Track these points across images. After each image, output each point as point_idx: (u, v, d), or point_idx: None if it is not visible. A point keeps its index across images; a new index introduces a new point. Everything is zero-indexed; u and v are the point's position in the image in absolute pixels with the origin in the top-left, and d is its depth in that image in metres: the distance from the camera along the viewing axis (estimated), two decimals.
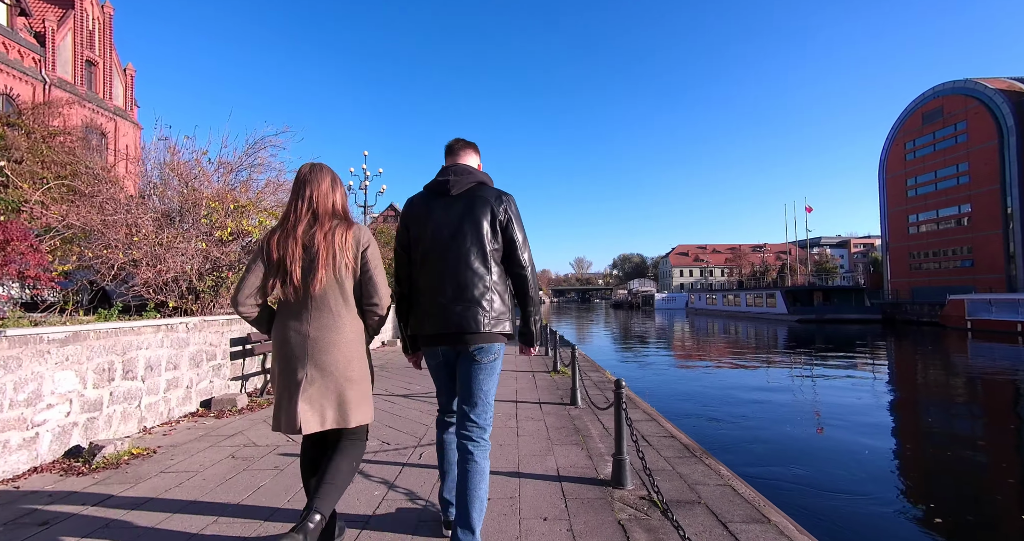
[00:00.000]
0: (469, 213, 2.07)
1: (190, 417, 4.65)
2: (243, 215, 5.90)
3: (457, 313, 2.00)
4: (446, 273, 2.04)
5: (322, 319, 1.91)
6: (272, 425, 1.94)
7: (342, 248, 1.92)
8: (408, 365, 2.94)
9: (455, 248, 2.05)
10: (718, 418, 9.90)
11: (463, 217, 2.07)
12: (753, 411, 10.51)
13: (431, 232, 2.09)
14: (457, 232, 2.06)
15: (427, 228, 2.10)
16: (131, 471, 3.15)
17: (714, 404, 11.25)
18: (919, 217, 49.76)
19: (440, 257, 2.06)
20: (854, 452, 7.39)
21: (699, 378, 15.02)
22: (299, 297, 1.91)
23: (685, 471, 3.22)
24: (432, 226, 2.09)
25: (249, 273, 1.96)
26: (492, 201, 2.09)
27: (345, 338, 1.93)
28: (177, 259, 5.08)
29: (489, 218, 2.07)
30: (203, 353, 5.00)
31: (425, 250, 2.10)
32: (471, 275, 2.03)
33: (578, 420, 4.61)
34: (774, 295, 45.28)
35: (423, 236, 2.11)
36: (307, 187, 1.99)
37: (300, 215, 1.95)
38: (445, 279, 2.04)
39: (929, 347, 23.94)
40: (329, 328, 1.91)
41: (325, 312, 1.92)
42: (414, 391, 6.11)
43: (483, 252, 2.05)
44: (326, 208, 1.98)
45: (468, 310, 2.00)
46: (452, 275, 2.03)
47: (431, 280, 2.07)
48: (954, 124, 45.79)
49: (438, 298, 2.04)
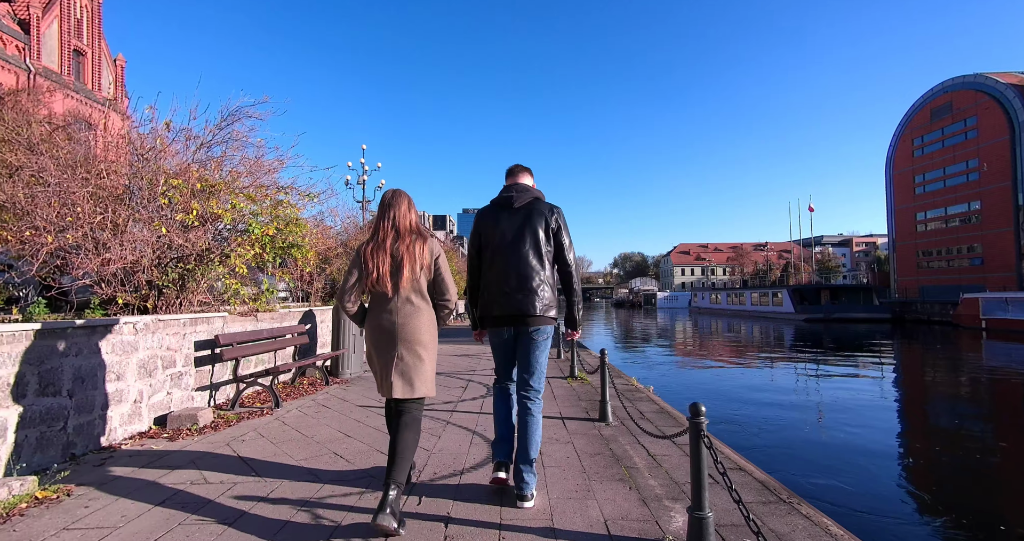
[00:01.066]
0: (528, 222, 2.65)
1: (137, 439, 3.80)
2: (213, 196, 5.04)
3: (519, 300, 2.57)
4: (510, 268, 2.61)
5: (406, 310, 2.44)
6: (377, 390, 2.52)
7: (420, 257, 2.47)
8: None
9: (517, 249, 2.62)
10: (740, 421, 9.08)
11: (523, 225, 2.65)
12: (776, 414, 9.71)
13: (499, 236, 2.67)
14: (519, 236, 2.63)
15: (495, 233, 2.68)
16: (20, 529, 2.30)
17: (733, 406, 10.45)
18: (927, 214, 48.92)
19: (506, 256, 2.63)
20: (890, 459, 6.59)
21: (712, 379, 14.20)
22: (388, 294, 2.44)
23: (779, 527, 2.37)
24: (499, 232, 2.67)
25: (350, 276, 2.51)
26: (546, 213, 2.68)
27: (424, 325, 2.47)
28: (128, 246, 4.22)
29: (543, 226, 2.65)
30: (158, 359, 4.14)
31: (493, 250, 2.67)
32: (530, 270, 2.59)
33: (614, 443, 3.76)
34: (780, 294, 44.44)
35: (492, 240, 2.69)
36: (391, 209, 2.53)
37: (387, 231, 2.49)
38: (510, 273, 2.60)
39: (942, 347, 23.13)
40: (412, 316, 2.44)
41: (408, 305, 2.45)
42: None
43: (539, 253, 2.62)
44: (405, 226, 2.51)
45: (527, 297, 2.57)
46: (515, 270, 2.59)
47: (498, 274, 2.64)
48: (964, 120, 44.90)
49: (504, 287, 2.61)
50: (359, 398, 5.41)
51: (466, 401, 5.30)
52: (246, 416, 4.50)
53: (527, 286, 2.59)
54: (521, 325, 2.62)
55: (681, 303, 73.62)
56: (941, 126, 47.30)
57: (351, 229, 12.35)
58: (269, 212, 5.90)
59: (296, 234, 6.17)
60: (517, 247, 2.62)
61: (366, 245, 2.51)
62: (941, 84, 47.52)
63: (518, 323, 2.62)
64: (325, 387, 6.05)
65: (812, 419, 9.60)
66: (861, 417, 9.58)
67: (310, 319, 7.01)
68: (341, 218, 12.58)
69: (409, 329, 2.43)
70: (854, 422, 9.16)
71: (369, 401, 5.25)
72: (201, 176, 4.94)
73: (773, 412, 9.91)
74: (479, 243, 2.77)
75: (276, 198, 5.97)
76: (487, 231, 2.73)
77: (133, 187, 4.47)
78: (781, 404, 10.74)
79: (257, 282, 6.22)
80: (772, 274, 70.51)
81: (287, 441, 3.75)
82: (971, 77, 44.51)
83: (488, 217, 2.76)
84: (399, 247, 2.46)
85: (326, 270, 11.03)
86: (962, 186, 45.32)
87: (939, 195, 47.59)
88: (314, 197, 6.42)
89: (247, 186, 5.40)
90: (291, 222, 6.00)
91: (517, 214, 2.69)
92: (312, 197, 6.38)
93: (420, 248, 2.48)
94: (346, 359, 6.75)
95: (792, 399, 11.42)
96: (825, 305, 40.94)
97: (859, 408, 10.42)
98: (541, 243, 2.64)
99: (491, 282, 2.67)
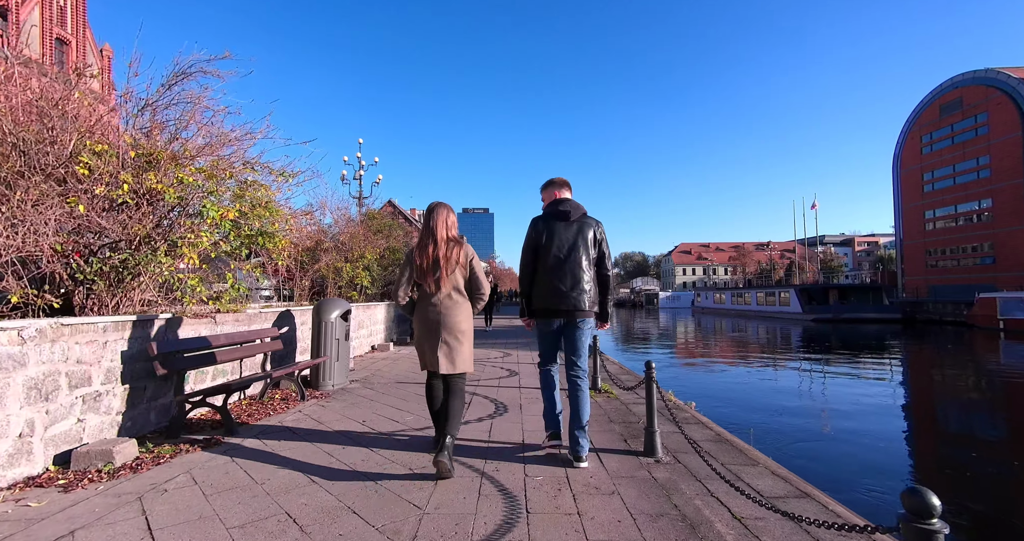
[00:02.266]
0: (581, 233, 3.27)
1: (16, 489, 2.76)
2: (153, 168, 4.00)
3: (574, 297, 3.20)
4: (567, 271, 3.21)
5: (447, 304, 3.10)
6: (420, 365, 3.18)
7: (458, 259, 3.12)
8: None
9: (573, 255, 3.23)
10: (778, 429, 8.08)
11: (577, 236, 3.26)
12: (807, 422, 8.71)
13: (556, 244, 3.25)
14: (574, 246, 3.24)
15: (553, 241, 3.26)
16: None
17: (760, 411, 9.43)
18: (936, 213, 47.91)
19: (562, 261, 3.23)
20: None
21: (730, 381, 13.18)
22: (433, 290, 3.11)
23: None
24: (557, 240, 3.26)
25: (403, 275, 3.22)
26: (594, 226, 3.31)
27: (462, 316, 3.12)
28: (21, 228, 3.19)
29: (592, 237, 3.29)
30: (61, 377, 3.11)
31: (551, 255, 3.24)
32: (582, 274, 3.22)
33: (674, 492, 2.72)
34: (788, 293, 43.42)
35: (551, 246, 3.26)
36: (434, 219, 3.17)
37: (429, 238, 3.13)
38: (566, 275, 3.21)
39: (959, 348, 22.12)
40: (452, 309, 3.10)
41: (449, 300, 3.11)
42: (403, 426, 4.22)
43: (588, 259, 3.26)
44: (443, 235, 3.14)
45: (580, 296, 3.21)
46: (571, 273, 3.21)
47: (555, 275, 3.22)
48: (974, 116, 43.92)
49: (560, 286, 3.21)
50: (338, 419, 4.38)
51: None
52: (185, 449, 3.46)
53: (580, 286, 3.19)
54: (571, 317, 3.22)
55: (684, 303, 72.60)
56: (950, 122, 46.33)
57: (341, 222, 11.29)
58: (233, 192, 4.87)
59: (266, 220, 5.14)
60: (573, 254, 3.21)
61: (414, 249, 3.17)
62: (950, 79, 46.55)
63: (569, 316, 3.21)
64: (300, 403, 5.01)
65: (850, 426, 8.59)
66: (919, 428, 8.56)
67: (287, 321, 5.98)
68: (332, 210, 11.52)
69: (450, 320, 3.07)
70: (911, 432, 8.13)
71: (351, 423, 4.22)
72: (135, 141, 3.91)
73: (805, 421, 8.90)
74: (537, 244, 3.29)
75: (242, 176, 4.95)
76: (547, 237, 3.27)
77: (28, 148, 3.42)
78: (811, 411, 9.73)
79: (227, 278, 5.19)
80: (775, 274, 69.50)
81: (226, 492, 2.72)
82: (982, 72, 43.56)
83: (546, 226, 3.30)
84: (440, 251, 3.08)
85: (315, 266, 10.01)
86: (972, 183, 44.34)
87: (948, 193, 46.61)
88: (290, 176, 5.39)
89: (197, 155, 4.35)
90: (259, 205, 4.98)
91: (572, 226, 3.26)
92: (288, 176, 5.35)
93: (457, 252, 3.11)
94: (328, 368, 5.72)
95: (829, 406, 10.41)
96: (834, 305, 39.96)
97: (903, 415, 9.39)
98: (591, 251, 3.26)
99: (546, 281, 3.23)
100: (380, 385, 6.08)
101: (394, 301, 3.44)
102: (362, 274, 10.32)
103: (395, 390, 5.73)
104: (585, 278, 3.20)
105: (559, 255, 3.21)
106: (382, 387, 5.94)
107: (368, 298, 11.38)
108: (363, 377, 6.67)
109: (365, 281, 10.43)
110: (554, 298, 3.20)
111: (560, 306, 3.19)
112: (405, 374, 7.01)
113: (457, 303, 3.09)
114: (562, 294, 3.18)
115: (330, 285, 10.10)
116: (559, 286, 3.18)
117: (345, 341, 5.93)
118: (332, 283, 10.12)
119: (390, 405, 4.95)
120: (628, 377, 7.07)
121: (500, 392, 5.59)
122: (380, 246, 11.54)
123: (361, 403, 5.04)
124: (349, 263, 10.36)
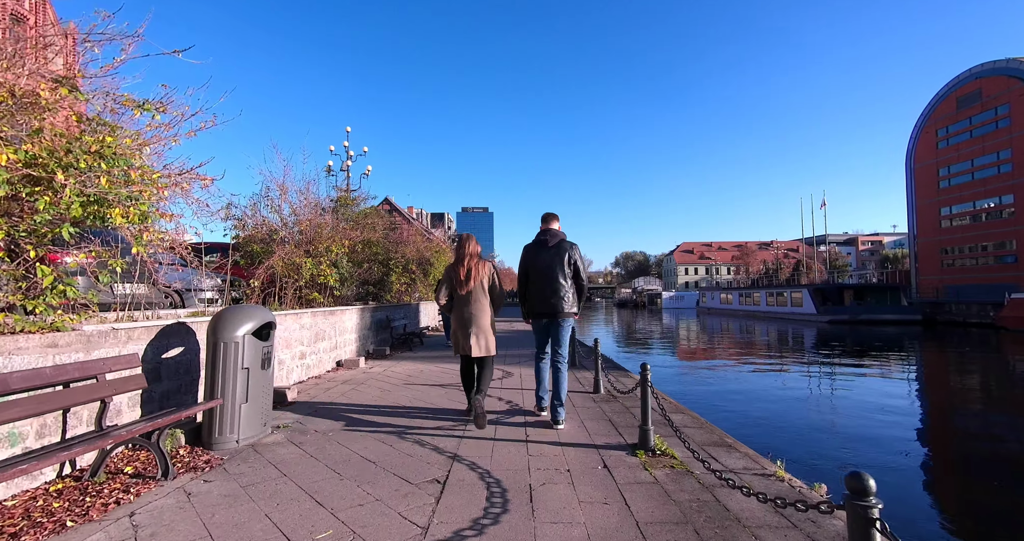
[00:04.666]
0: (559, 255, 4.33)
1: None
2: None
3: (553, 303, 4.29)
4: (547, 284, 4.32)
5: (475, 304, 4.45)
6: (453, 351, 4.58)
7: (481, 271, 4.51)
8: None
9: (551, 273, 4.31)
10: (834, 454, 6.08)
11: (555, 257, 4.33)
12: (863, 445, 6.72)
13: (540, 264, 4.37)
14: (552, 264, 4.32)
15: (537, 262, 4.39)
16: None
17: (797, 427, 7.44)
18: (952, 210, 45.93)
19: (544, 276, 4.33)
20: None
21: (754, 392, 11.18)
22: (464, 294, 4.45)
23: None
24: (540, 261, 4.38)
25: (442, 284, 4.62)
26: (568, 249, 4.35)
27: (486, 314, 4.48)
28: None
29: (568, 258, 4.33)
30: None
31: (536, 273, 4.39)
32: (559, 286, 4.29)
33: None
34: (800, 293, 41.43)
35: (536, 266, 4.39)
36: (465, 246, 4.56)
37: (462, 258, 4.52)
38: (547, 287, 4.32)
39: (989, 353, 20.16)
40: (479, 308, 4.45)
41: (476, 303, 4.46)
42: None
43: (564, 274, 4.31)
44: (471, 254, 4.53)
45: (559, 302, 4.29)
46: (551, 285, 4.30)
47: (540, 287, 4.35)
48: (994, 108, 41.95)
49: (543, 295, 4.34)
50: (229, 527, 2.34)
51: None
52: None
53: (558, 295, 4.30)
54: (554, 317, 4.33)
55: (688, 303, 70.62)
56: (969, 115, 44.39)
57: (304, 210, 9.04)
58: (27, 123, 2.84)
59: (111, 176, 3.10)
60: (552, 271, 4.32)
61: (452, 266, 4.59)
62: (968, 70, 44.61)
63: (552, 316, 4.33)
64: (159, 484, 2.97)
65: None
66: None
67: (173, 342, 3.94)
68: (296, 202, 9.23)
69: (478, 317, 4.44)
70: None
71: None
72: None
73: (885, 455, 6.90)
74: (527, 266, 4.48)
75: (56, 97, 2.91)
76: (532, 260, 4.44)
77: None
78: (891, 444, 7.72)
79: (41, 273, 3.13)
80: (782, 273, 67.54)
81: None
82: (1002, 62, 41.65)
83: (533, 251, 4.48)
84: (469, 267, 4.48)
85: (267, 262, 8.02)
86: (992, 179, 42.42)
87: (966, 188, 44.69)
88: (156, 108, 3.34)
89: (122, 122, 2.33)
90: (89, 151, 2.94)
91: (551, 250, 4.38)
92: (149, 108, 3.31)
93: (481, 267, 4.54)
94: (227, 415, 3.67)
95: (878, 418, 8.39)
96: (850, 306, 38.03)
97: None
98: (566, 268, 4.32)
99: (536, 292, 4.40)
100: (321, 434, 4.04)
101: (436, 303, 4.86)
102: (327, 271, 8.28)
103: (342, 446, 3.69)
104: (563, 288, 4.30)
105: (542, 272, 4.36)
106: (323, 439, 3.90)
107: (339, 301, 9.33)
108: (301, 417, 4.61)
109: (331, 280, 8.39)
110: (541, 304, 4.36)
111: (546, 309, 4.34)
112: (371, 405, 4.99)
113: (482, 306, 4.50)
114: (547, 301, 4.33)
115: (288, 285, 8.07)
116: (544, 294, 4.34)
117: (263, 370, 3.89)
118: (291, 283, 8.10)
119: (318, 490, 2.91)
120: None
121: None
122: (353, 238, 9.48)
123: (266, 485, 2.99)
124: (311, 258, 8.32)
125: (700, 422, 4.53)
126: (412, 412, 4.83)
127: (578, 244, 4.44)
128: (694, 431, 4.17)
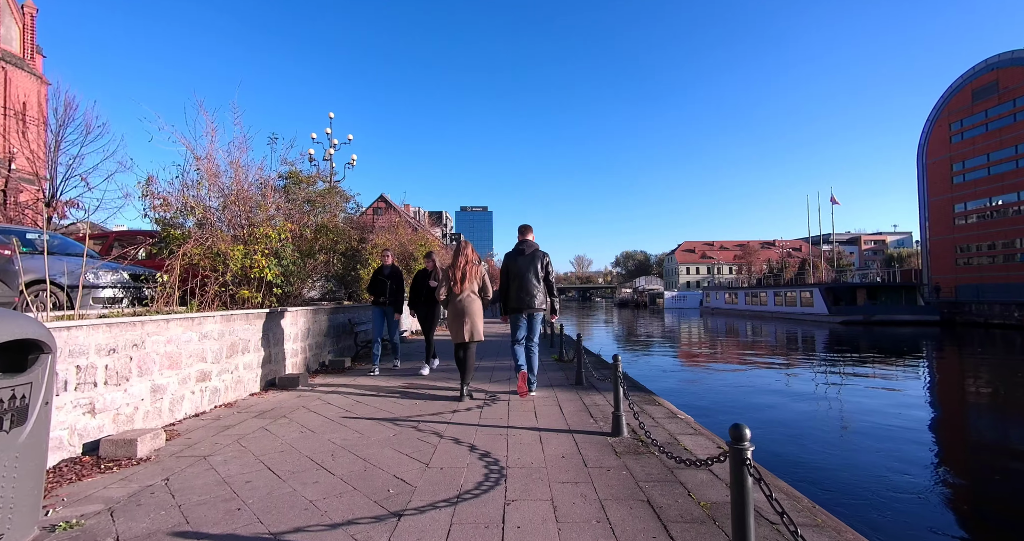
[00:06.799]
0: (532, 262, 5.52)
1: None
2: None
3: (528, 300, 5.44)
4: (523, 285, 5.46)
5: (468, 300, 5.41)
6: (452, 338, 5.50)
7: (475, 273, 5.52)
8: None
9: (527, 275, 5.47)
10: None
11: (530, 263, 5.51)
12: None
13: (517, 268, 5.52)
14: (527, 269, 5.49)
15: (515, 267, 5.54)
16: None
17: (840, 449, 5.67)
18: (967, 206, 44.16)
19: (521, 279, 5.47)
20: None
21: (776, 401, 9.38)
22: (459, 292, 5.42)
23: None
24: (518, 266, 5.53)
25: (442, 283, 5.60)
26: (541, 257, 5.57)
27: (477, 308, 5.46)
28: None
29: (541, 264, 5.54)
30: None
31: (515, 276, 5.52)
32: (532, 287, 5.46)
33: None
34: (810, 293, 39.63)
35: (514, 270, 5.53)
36: (463, 250, 5.64)
37: (458, 260, 5.53)
38: (523, 287, 5.46)
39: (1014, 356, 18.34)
40: (471, 304, 5.42)
41: (469, 298, 5.43)
42: None
43: (537, 277, 5.49)
44: (465, 259, 5.54)
45: (533, 299, 5.45)
46: (526, 286, 5.45)
47: (518, 288, 5.48)
48: (1012, 100, 40.17)
49: (520, 294, 5.46)
50: None
51: None
52: None
53: (532, 293, 5.45)
54: (530, 312, 5.50)
55: (691, 303, 68.85)
56: (984, 108, 42.61)
57: (234, 182, 7.13)
58: None
59: None
60: (527, 274, 5.47)
61: (449, 268, 5.57)
62: (984, 61, 42.83)
63: (527, 311, 5.49)
64: None
65: None
66: None
67: None
68: (225, 180, 7.31)
69: (470, 310, 5.37)
70: None
71: None
72: None
73: None
74: (507, 270, 5.62)
75: None
76: (512, 265, 5.58)
77: None
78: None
79: None
80: (786, 273, 65.78)
81: None
82: (1020, 52, 39.91)
83: (512, 258, 5.62)
84: (464, 269, 5.48)
85: (182, 249, 6.24)
86: (1010, 173, 40.67)
87: (982, 184, 42.92)
88: None
89: None
90: None
91: (528, 257, 5.55)
92: None
93: (474, 270, 5.52)
94: None
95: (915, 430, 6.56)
96: (864, 306, 36.24)
97: None
98: (539, 272, 5.50)
99: (514, 291, 5.50)
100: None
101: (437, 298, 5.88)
102: (262, 262, 6.46)
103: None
104: (535, 289, 5.46)
105: (519, 275, 5.50)
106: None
107: (283, 300, 7.48)
108: (120, 503, 2.75)
109: (269, 273, 6.56)
110: (519, 302, 5.48)
111: (522, 305, 5.46)
112: (263, 466, 3.12)
113: (474, 300, 5.46)
114: (523, 299, 5.46)
115: (212, 280, 6.26)
116: (520, 294, 5.46)
117: (6, 432, 2.07)
118: (215, 277, 6.28)
119: None
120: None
121: None
122: (300, 221, 7.63)
123: None
124: (243, 245, 6.50)
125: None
126: (321, 485, 3.01)
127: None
128: None
